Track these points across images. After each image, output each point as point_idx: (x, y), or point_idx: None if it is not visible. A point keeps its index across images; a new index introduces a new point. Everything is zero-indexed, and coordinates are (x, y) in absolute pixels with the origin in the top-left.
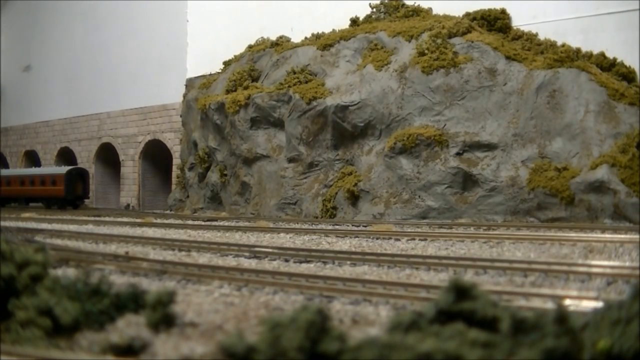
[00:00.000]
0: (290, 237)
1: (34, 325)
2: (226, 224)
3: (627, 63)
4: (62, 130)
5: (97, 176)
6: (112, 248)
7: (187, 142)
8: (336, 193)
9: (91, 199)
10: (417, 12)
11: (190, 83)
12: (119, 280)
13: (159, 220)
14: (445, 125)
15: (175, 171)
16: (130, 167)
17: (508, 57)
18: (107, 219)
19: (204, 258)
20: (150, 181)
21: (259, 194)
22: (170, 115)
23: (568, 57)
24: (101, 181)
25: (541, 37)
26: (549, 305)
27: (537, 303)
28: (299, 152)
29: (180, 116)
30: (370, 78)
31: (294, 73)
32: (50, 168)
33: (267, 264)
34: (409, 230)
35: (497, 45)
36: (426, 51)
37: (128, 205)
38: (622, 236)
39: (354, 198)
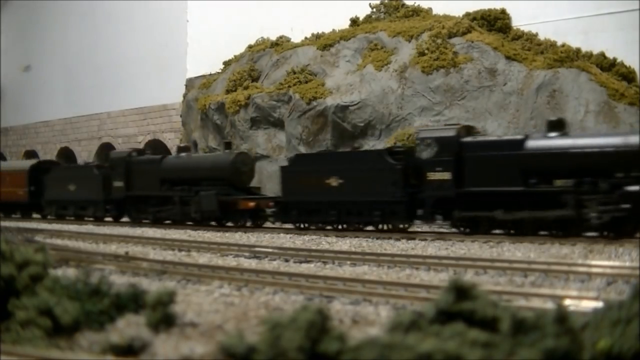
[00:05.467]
0: (290, 237)
1: (34, 325)
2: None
3: (627, 63)
4: (62, 130)
5: None
6: (112, 248)
7: (187, 142)
8: None
9: None
10: (417, 12)
11: (190, 83)
12: (119, 280)
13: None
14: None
15: None
16: None
17: (508, 57)
18: (107, 218)
19: (204, 258)
20: None
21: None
22: (170, 115)
23: (568, 57)
24: None
25: (541, 37)
26: (549, 305)
27: (537, 303)
28: (299, 152)
29: (180, 116)
30: (370, 78)
31: (294, 73)
32: None
33: (267, 264)
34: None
35: (497, 45)
36: (426, 51)
37: None
38: None
39: None
